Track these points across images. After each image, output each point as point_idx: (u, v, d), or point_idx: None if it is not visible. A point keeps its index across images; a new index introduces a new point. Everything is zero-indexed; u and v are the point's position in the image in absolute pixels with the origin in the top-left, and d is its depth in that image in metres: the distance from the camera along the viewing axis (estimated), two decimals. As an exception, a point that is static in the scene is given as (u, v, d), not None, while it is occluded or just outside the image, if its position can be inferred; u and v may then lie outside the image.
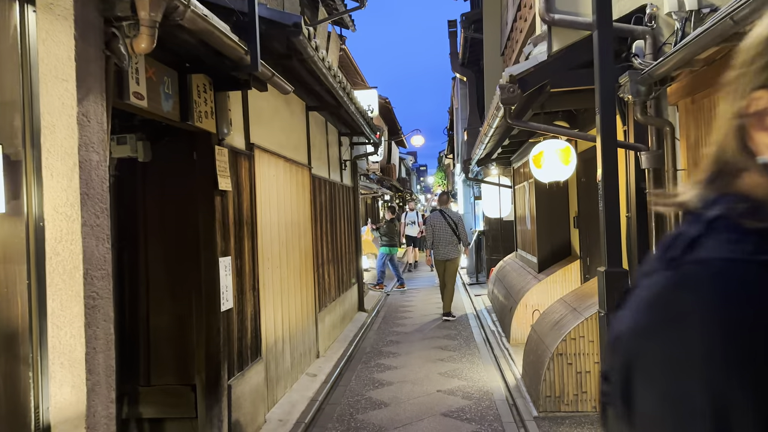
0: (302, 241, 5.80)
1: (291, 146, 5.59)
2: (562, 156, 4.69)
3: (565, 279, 6.45)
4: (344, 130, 8.46)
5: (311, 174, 6.24)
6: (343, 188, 8.29)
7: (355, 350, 6.74)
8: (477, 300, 10.05)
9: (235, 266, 3.93)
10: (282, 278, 5.03)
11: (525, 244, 8.09)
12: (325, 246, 6.87)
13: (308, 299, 5.92)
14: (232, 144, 3.96)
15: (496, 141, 7.42)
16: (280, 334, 4.89)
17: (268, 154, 4.77)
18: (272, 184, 4.87)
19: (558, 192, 6.87)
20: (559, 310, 4.98)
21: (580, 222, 6.36)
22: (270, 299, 4.66)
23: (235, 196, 3.98)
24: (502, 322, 7.30)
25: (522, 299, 6.51)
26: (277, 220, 4.94)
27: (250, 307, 4.18)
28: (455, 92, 18.10)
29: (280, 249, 5.00)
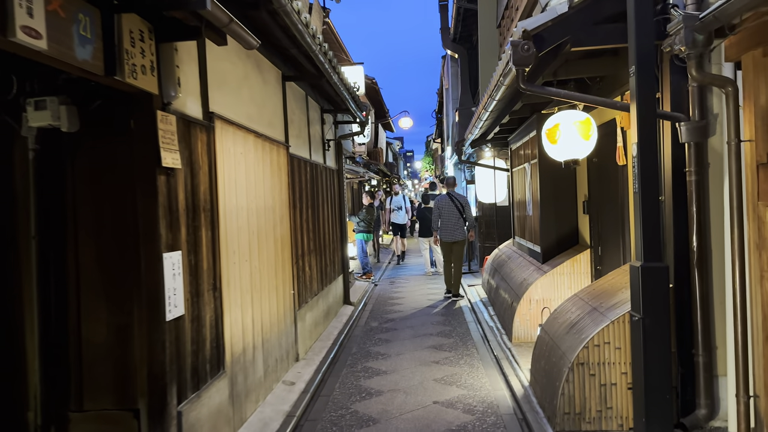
0: (278, 230, 5.06)
1: (264, 120, 4.82)
2: (582, 129, 3.98)
3: (573, 271, 5.79)
4: (327, 107, 7.68)
5: (289, 153, 5.47)
6: (327, 170, 7.54)
7: (340, 351, 6.04)
8: (471, 291, 9.39)
9: (188, 263, 3.18)
10: (252, 273, 4.29)
11: (525, 231, 7.41)
12: (305, 234, 6.13)
13: (286, 296, 5.19)
14: (183, 111, 3.19)
15: (494, 118, 6.70)
16: (250, 340, 4.16)
17: (233, 128, 4.00)
18: (240, 162, 4.11)
19: (564, 174, 6.17)
20: (574, 309, 4.30)
21: (590, 207, 5.68)
22: (237, 299, 3.93)
23: (188, 176, 3.22)
24: (502, 317, 6.64)
25: (525, 294, 5.83)
26: (245, 206, 4.18)
27: (208, 312, 3.44)
28: (445, 71, 17.30)
29: (250, 239, 4.25)
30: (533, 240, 6.81)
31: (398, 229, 14.25)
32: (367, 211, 11.28)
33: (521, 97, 5.45)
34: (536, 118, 6.25)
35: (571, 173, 6.18)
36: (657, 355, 3.22)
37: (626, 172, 4.54)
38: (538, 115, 6.22)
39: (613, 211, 5.00)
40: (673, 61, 3.49)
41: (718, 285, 3.46)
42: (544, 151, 6.14)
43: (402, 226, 14.20)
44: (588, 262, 5.75)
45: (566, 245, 6.19)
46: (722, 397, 3.48)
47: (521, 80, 3.61)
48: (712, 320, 3.47)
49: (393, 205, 14.02)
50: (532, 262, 6.58)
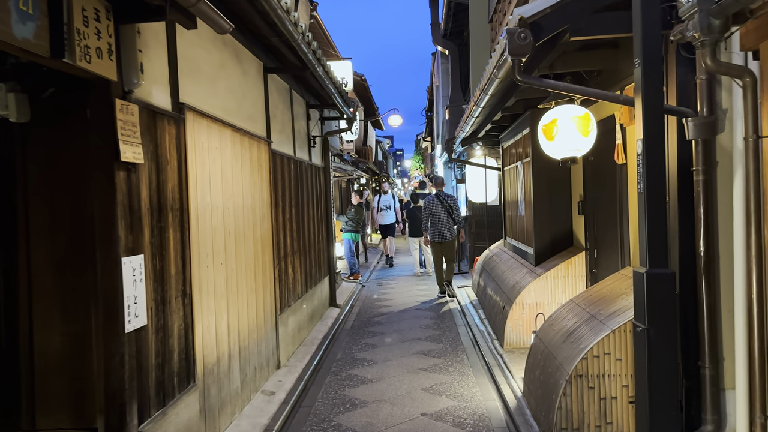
0: (258, 230, 4.78)
1: (243, 114, 4.53)
2: (581, 125, 3.74)
3: (568, 274, 5.56)
4: (313, 102, 7.39)
5: (271, 149, 5.19)
6: (312, 168, 7.25)
7: (324, 356, 5.77)
8: (461, 293, 9.15)
9: (153, 267, 2.89)
10: (229, 277, 4.01)
11: (517, 232, 7.18)
12: (288, 235, 5.85)
13: (266, 300, 4.91)
14: (147, 101, 2.91)
15: (486, 114, 6.46)
16: (225, 349, 3.88)
17: (208, 120, 3.71)
18: (215, 158, 3.82)
19: (559, 173, 5.94)
20: (570, 315, 4.07)
21: (586, 208, 5.45)
22: (210, 306, 3.64)
23: (153, 172, 2.94)
24: (493, 321, 6.40)
25: (518, 298, 5.59)
26: (221, 205, 3.90)
27: (176, 321, 3.15)
28: (435, 68, 17.06)
29: (226, 240, 3.97)
30: (526, 241, 6.58)
31: (387, 230, 13.17)
32: (355, 211, 11.01)
33: (515, 92, 5.21)
34: (530, 115, 6.01)
35: (565, 172, 5.95)
36: (663, 368, 2.98)
37: (625, 172, 4.31)
38: (532, 112, 5.99)
39: (611, 212, 4.77)
40: (679, 52, 3.25)
41: (725, 292, 3.23)
42: (539, 149, 5.91)
43: (391, 226, 13.13)
44: (583, 265, 5.52)
45: (560, 247, 5.96)
46: (729, 412, 3.25)
47: (517, 71, 3.35)
48: (720, 330, 3.24)
49: (381, 204, 12.99)
50: (525, 265, 6.34)
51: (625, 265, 4.39)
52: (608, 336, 3.40)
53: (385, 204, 12.96)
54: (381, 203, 13.01)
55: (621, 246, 4.55)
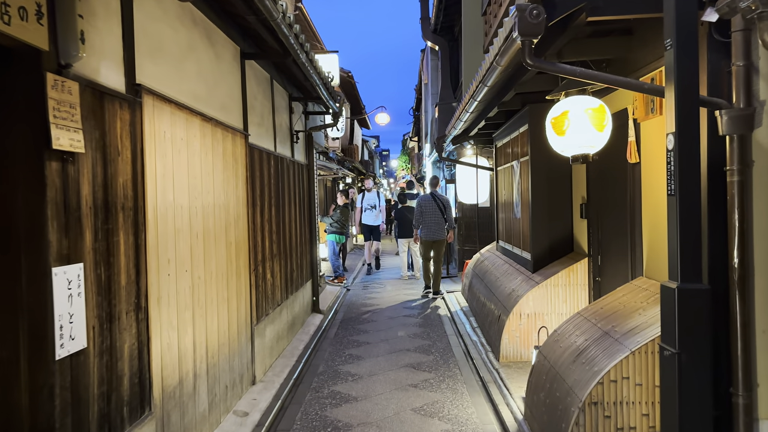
0: (232, 232, 4.31)
1: (216, 102, 4.06)
2: (595, 118, 3.33)
3: (569, 282, 5.15)
4: (297, 94, 6.93)
5: (248, 143, 4.72)
6: (295, 165, 6.79)
7: (305, 370, 5.30)
8: (450, 298, 8.73)
9: (96, 278, 2.42)
10: (195, 286, 3.53)
11: (512, 236, 6.77)
12: (267, 237, 5.38)
13: (240, 309, 4.44)
14: (93, 78, 2.43)
15: (481, 109, 6.05)
16: (190, 368, 3.41)
17: (172, 107, 3.24)
18: (180, 150, 3.35)
19: (559, 173, 5.55)
20: (579, 331, 3.66)
21: (589, 211, 5.05)
22: (172, 319, 3.17)
23: (98, 164, 2.46)
24: (487, 331, 5.98)
25: (515, 307, 5.18)
26: (187, 204, 3.43)
27: (128, 340, 2.68)
28: (424, 65, 16.65)
29: (192, 244, 3.50)
30: (522, 246, 6.17)
31: (370, 231, 11.79)
32: (341, 212, 10.54)
33: (514, 85, 4.81)
34: (528, 111, 5.61)
35: (566, 172, 5.55)
36: (695, 398, 2.57)
37: (638, 172, 3.92)
38: (531, 108, 5.58)
39: (619, 216, 4.37)
40: (711, 35, 2.86)
41: (761, 310, 2.84)
42: (539, 147, 5.52)
43: (374, 228, 11.75)
44: (585, 272, 5.13)
45: (560, 253, 5.56)
46: (764, 445, 2.86)
47: (528, 54, 2.93)
48: (754, 353, 2.85)
49: (365, 203, 11.72)
50: (521, 271, 5.93)
51: (637, 275, 3.98)
52: (627, 358, 2.98)
53: (369, 203, 11.74)
54: (364, 202, 11.75)
55: (632, 253, 4.15)
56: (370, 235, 11.79)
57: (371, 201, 11.69)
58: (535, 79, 4.91)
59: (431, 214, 9.09)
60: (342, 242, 10.67)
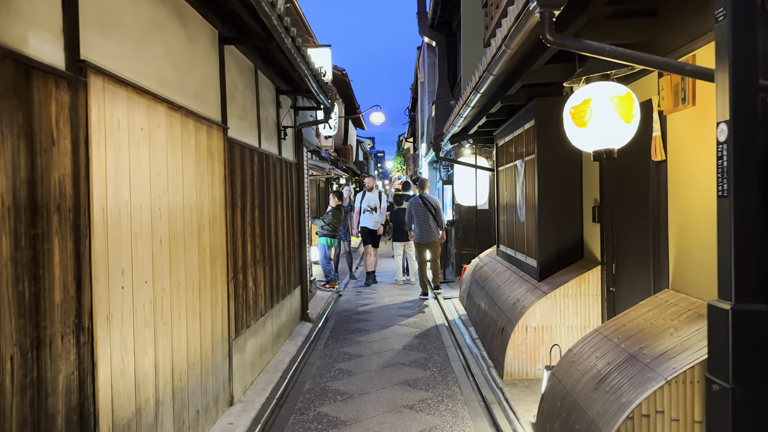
0: (207, 236, 3.84)
1: (188, 90, 3.60)
2: (622, 108, 2.87)
3: (580, 293, 4.70)
4: (285, 87, 6.46)
5: (226, 137, 4.25)
6: (282, 163, 6.32)
7: (290, 387, 4.83)
8: (447, 305, 8.27)
9: (17, 295, 1.94)
10: (158, 298, 3.06)
11: (515, 240, 6.32)
12: (250, 241, 4.91)
13: (216, 323, 3.97)
14: (14, 48, 1.96)
15: (484, 104, 5.61)
16: (151, 394, 2.93)
17: (129, 91, 2.77)
18: (140, 141, 2.88)
19: (568, 173, 5.11)
20: (599, 352, 3.21)
21: (603, 214, 4.60)
22: (126, 340, 2.70)
23: (22, 155, 1.99)
24: (488, 344, 5.52)
25: (521, 319, 4.72)
26: (148, 204, 2.96)
27: (63, 369, 2.20)
28: (421, 63, 16.20)
29: (155, 251, 3.03)
30: (527, 251, 5.72)
31: (369, 235, 10.61)
32: (333, 214, 10.05)
33: (522, 75, 4.37)
34: (535, 105, 5.16)
35: (576, 172, 5.11)
36: (753, 444, 2.12)
37: (664, 171, 3.47)
38: (539, 102, 5.14)
39: (639, 220, 3.93)
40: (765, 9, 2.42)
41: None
42: (546, 145, 5.07)
43: (374, 231, 10.62)
44: (598, 281, 4.68)
45: (569, 260, 5.11)
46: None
47: (548, 29, 2.48)
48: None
49: (364, 204, 10.61)
50: (526, 279, 5.48)
51: (662, 287, 3.53)
52: (661, 388, 2.53)
53: (369, 204, 10.58)
54: (364, 203, 10.62)
55: (654, 262, 3.70)
56: (368, 238, 10.65)
57: (372, 202, 10.60)
58: (544, 69, 4.47)
59: (422, 216, 9.12)
60: (334, 245, 10.20)
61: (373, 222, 10.60)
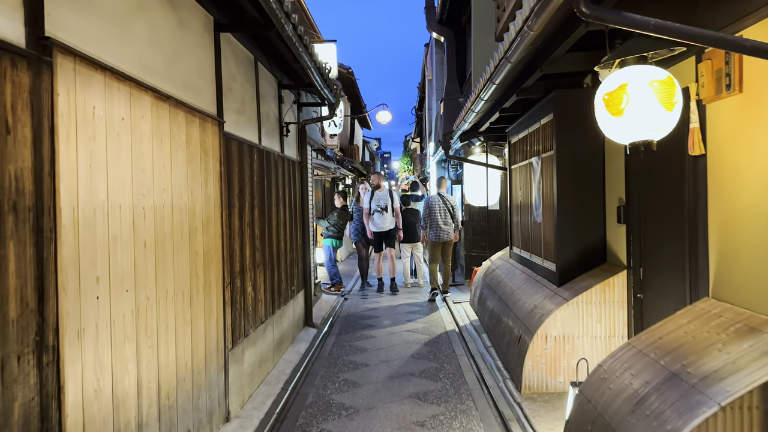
0: (200, 239, 3.53)
1: (178, 79, 3.29)
2: (663, 94, 2.54)
3: (604, 299, 4.36)
4: (287, 81, 6.15)
5: (222, 132, 3.94)
6: (285, 161, 6.00)
7: (291, 400, 4.51)
8: (458, 310, 7.94)
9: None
10: (142, 309, 2.75)
11: (531, 242, 5.98)
12: (249, 243, 4.59)
13: (210, 332, 3.66)
14: (-45, 16, 1.65)
15: (498, 96, 5.27)
16: (133, 416, 2.62)
17: (107, 75, 2.46)
18: (120, 133, 2.57)
19: (590, 170, 4.77)
20: (634, 369, 2.87)
21: (629, 214, 4.26)
22: (103, 357, 2.39)
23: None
24: (504, 354, 5.19)
25: (540, 328, 4.39)
26: (129, 203, 2.64)
27: (20, 396, 1.89)
28: (428, 60, 15.87)
29: (137, 256, 2.71)
30: (544, 254, 5.38)
31: (382, 239, 9.64)
32: (338, 215, 9.73)
33: (542, 63, 4.04)
34: (554, 98, 4.82)
35: (598, 169, 4.76)
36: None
37: (702, 166, 3.13)
38: (558, 94, 4.80)
39: (673, 221, 3.59)
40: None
41: None
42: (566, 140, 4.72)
43: (388, 234, 9.65)
44: (623, 287, 4.33)
45: (590, 263, 4.77)
46: None
47: (584, 1, 2.15)
48: None
49: (374, 204, 9.55)
50: (544, 284, 5.14)
51: (701, 296, 3.19)
52: (715, 415, 2.19)
53: (380, 203, 9.55)
54: (374, 203, 9.59)
55: (692, 267, 3.35)
56: (381, 243, 9.68)
57: (382, 201, 9.56)
58: (565, 58, 4.13)
59: (441, 215, 8.87)
60: (339, 247, 9.88)
61: (384, 223, 9.61)
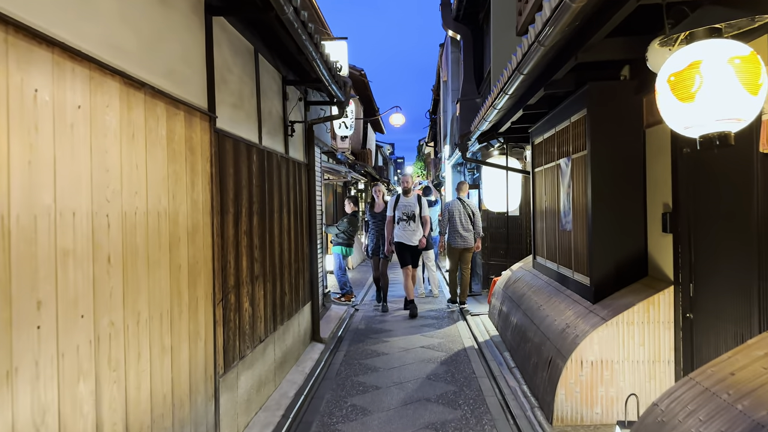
0: (184, 251, 3.06)
1: (157, 64, 2.83)
2: (745, 73, 2.02)
3: (648, 319, 3.82)
4: (292, 77, 5.69)
5: (214, 128, 3.48)
6: (289, 163, 5.54)
7: (293, 431, 4.02)
8: (476, 322, 7.40)
9: None
10: (105, 337, 2.28)
11: (558, 252, 5.45)
12: (246, 254, 4.12)
13: (197, 358, 3.18)
14: None
15: (523, 92, 4.78)
16: (88, 471, 2.14)
17: (56, 53, 2.00)
18: (76, 125, 2.11)
19: (628, 171, 4.24)
20: (702, 412, 2.34)
21: (678, 222, 3.72)
22: (47, 401, 1.92)
23: None
24: (530, 377, 4.66)
25: (575, 352, 3.85)
26: (88, 210, 2.18)
27: None
28: (443, 61, 15.38)
29: (98, 273, 2.24)
30: (575, 266, 4.85)
31: (407, 253, 8.17)
32: (348, 221, 9.25)
33: (578, 51, 3.54)
34: (589, 91, 4.30)
35: (637, 171, 4.23)
36: None
37: (781, 165, 2.60)
38: (593, 86, 4.29)
39: (736, 230, 3.05)
40: None
41: None
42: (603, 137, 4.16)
43: (413, 248, 8.17)
44: (670, 305, 3.79)
45: (629, 277, 4.23)
46: None
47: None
48: None
49: (398, 211, 8.11)
50: (575, 299, 4.61)
51: (779, 321, 2.65)
52: (833, 490, 1.66)
53: (405, 211, 8.09)
54: (397, 210, 8.12)
55: (763, 285, 2.82)
56: (406, 257, 8.25)
57: (408, 208, 8.12)
58: (603, 44, 3.63)
59: (462, 220, 8.35)
60: (350, 255, 9.39)
61: (410, 234, 8.17)
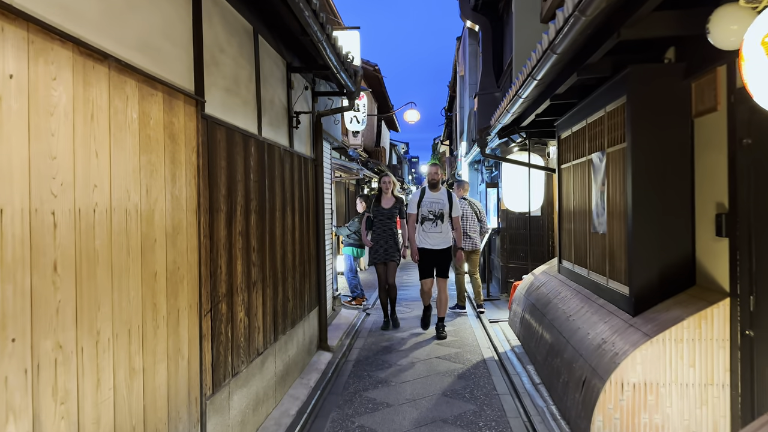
0: (162, 255, 2.62)
1: (127, 33, 2.39)
2: None
3: (699, 335, 3.31)
4: (297, 64, 5.24)
5: (201, 114, 3.04)
6: (294, 158, 5.09)
7: (292, 456, 3.57)
8: (495, 330, 6.91)
9: None
10: (48, 364, 1.85)
11: (590, 257, 4.95)
12: (241, 257, 3.68)
13: (177, 380, 2.74)
14: None
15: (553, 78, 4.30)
16: None
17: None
18: (4, 99, 1.67)
19: (674, 167, 3.73)
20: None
21: (734, 225, 3.21)
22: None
23: None
24: (559, 397, 4.16)
25: (615, 373, 3.36)
26: (23, 206, 1.74)
27: None
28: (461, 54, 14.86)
29: (35, 287, 1.81)
30: (610, 273, 4.35)
31: (434, 262, 6.57)
32: (360, 221, 8.81)
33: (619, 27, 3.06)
34: (629, 74, 3.80)
35: (684, 166, 3.72)
36: None
37: None
38: (635, 69, 3.78)
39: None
40: None
41: None
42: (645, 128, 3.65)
43: (442, 253, 6.58)
44: (726, 321, 3.28)
45: (674, 287, 3.72)
46: None
47: None
48: None
49: (423, 209, 6.58)
50: (610, 311, 4.10)
51: None
52: None
53: (431, 209, 6.55)
54: (422, 207, 6.60)
55: None
56: (432, 266, 6.60)
57: (435, 205, 6.58)
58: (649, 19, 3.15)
59: (470, 221, 8.02)
60: (361, 257, 8.95)
61: (437, 238, 6.58)
